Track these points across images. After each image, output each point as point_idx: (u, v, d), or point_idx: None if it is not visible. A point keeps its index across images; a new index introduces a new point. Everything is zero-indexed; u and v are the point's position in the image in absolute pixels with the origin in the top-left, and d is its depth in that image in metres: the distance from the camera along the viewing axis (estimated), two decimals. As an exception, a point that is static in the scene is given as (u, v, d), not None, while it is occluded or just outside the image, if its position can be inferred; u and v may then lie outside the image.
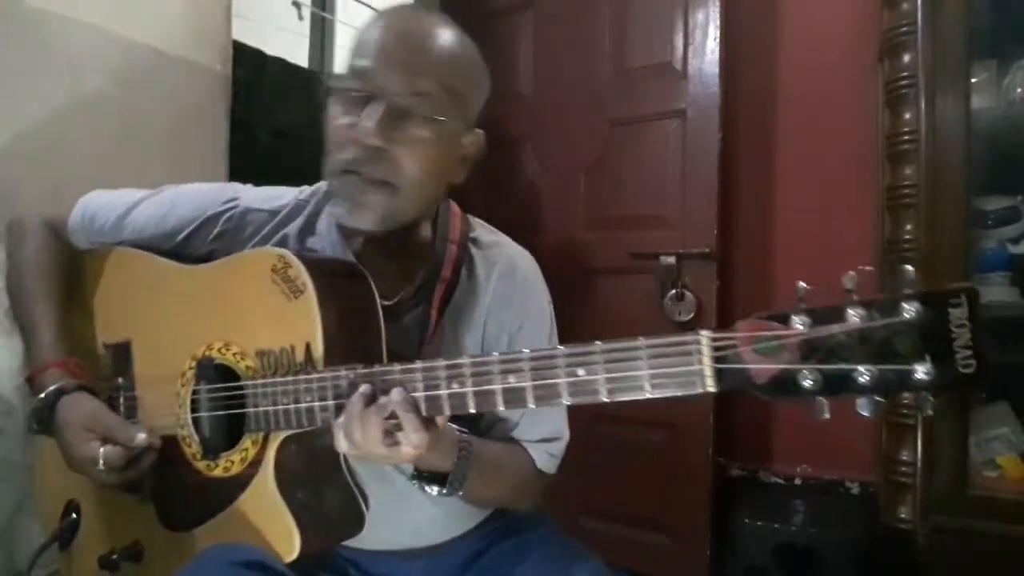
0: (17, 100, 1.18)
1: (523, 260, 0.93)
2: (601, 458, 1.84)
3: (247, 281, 0.80)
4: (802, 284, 0.54)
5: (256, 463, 0.78)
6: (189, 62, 1.47)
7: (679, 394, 0.57)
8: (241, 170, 1.61)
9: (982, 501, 1.38)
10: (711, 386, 0.56)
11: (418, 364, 0.68)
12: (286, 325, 0.76)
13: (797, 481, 1.83)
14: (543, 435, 0.89)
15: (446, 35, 0.80)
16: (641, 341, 0.58)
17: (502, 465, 0.85)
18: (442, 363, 0.66)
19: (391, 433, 0.67)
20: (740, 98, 1.83)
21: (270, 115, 2.34)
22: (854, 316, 0.51)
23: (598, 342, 0.60)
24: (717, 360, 0.55)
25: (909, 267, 0.52)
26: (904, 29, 1.45)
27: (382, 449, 0.66)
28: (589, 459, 1.84)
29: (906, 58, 1.45)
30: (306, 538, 0.74)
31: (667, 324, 1.69)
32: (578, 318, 1.72)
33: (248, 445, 0.79)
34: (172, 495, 0.87)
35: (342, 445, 0.69)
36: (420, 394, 0.67)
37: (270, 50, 2.44)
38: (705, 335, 0.56)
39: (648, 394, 0.58)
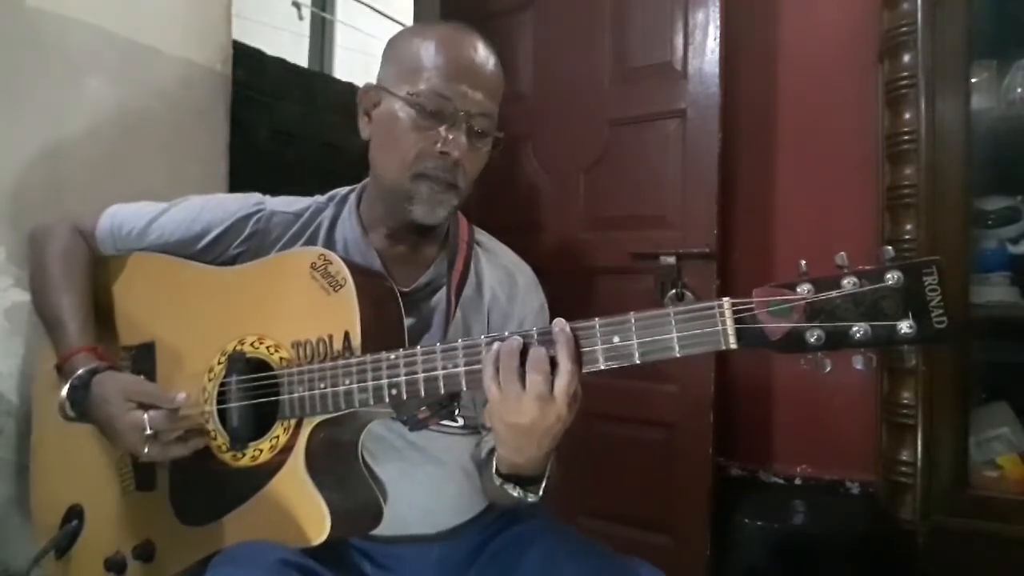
0: (17, 100, 1.18)
1: (521, 263, 1.04)
2: (600, 457, 1.84)
3: (284, 278, 0.84)
4: (803, 261, 0.65)
5: (287, 449, 0.80)
6: (189, 62, 1.47)
7: (705, 351, 0.66)
8: (241, 170, 1.61)
9: (982, 501, 1.38)
10: (733, 343, 0.65)
11: (452, 344, 0.74)
12: (325, 316, 0.80)
13: (797, 481, 1.83)
14: None
15: (494, 57, 0.92)
16: (670, 309, 0.67)
17: None
18: (483, 339, 0.73)
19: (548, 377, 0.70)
20: (740, 98, 1.83)
21: (270, 115, 2.35)
22: (848, 283, 0.62)
23: (631, 312, 0.69)
24: (738, 322, 0.65)
25: (888, 247, 0.62)
26: (904, 29, 1.45)
27: (542, 387, 0.70)
28: (588, 458, 1.85)
29: (906, 58, 1.45)
30: (335, 522, 0.76)
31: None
32: (578, 318, 1.70)
33: (279, 432, 0.81)
34: (192, 490, 0.87)
35: (494, 394, 0.71)
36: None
37: (270, 50, 2.44)
38: (727, 301, 0.66)
39: (677, 354, 0.67)
